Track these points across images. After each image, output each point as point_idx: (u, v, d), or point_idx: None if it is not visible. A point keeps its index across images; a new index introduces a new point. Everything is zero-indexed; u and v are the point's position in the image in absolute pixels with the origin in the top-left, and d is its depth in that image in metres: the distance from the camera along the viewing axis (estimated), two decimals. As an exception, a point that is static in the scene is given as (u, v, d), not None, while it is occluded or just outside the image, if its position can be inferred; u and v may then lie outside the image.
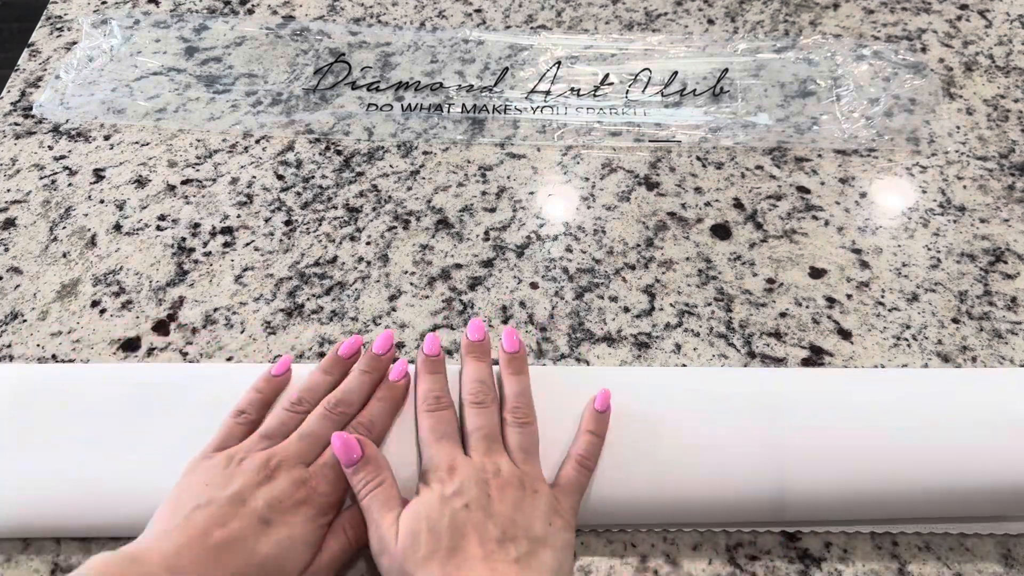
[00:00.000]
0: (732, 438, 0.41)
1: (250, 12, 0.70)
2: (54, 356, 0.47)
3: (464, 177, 0.57)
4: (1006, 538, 0.41)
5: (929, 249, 0.53)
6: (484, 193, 0.56)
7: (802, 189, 0.57)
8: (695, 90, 0.63)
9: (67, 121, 0.61)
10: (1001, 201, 0.56)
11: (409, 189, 0.57)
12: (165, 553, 0.33)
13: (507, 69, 0.65)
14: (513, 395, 0.41)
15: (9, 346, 0.48)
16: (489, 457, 0.38)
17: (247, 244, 0.53)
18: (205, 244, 0.53)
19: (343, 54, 0.66)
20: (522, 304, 0.50)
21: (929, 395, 0.43)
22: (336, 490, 0.38)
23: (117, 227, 0.54)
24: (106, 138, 0.59)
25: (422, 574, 0.34)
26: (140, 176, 0.57)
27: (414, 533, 0.35)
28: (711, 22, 0.69)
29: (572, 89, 0.63)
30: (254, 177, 0.57)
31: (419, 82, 0.64)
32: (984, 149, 0.59)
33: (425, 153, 0.59)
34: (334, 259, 0.52)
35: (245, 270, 0.52)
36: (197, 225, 0.54)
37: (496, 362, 0.43)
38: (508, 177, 0.57)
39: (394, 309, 0.50)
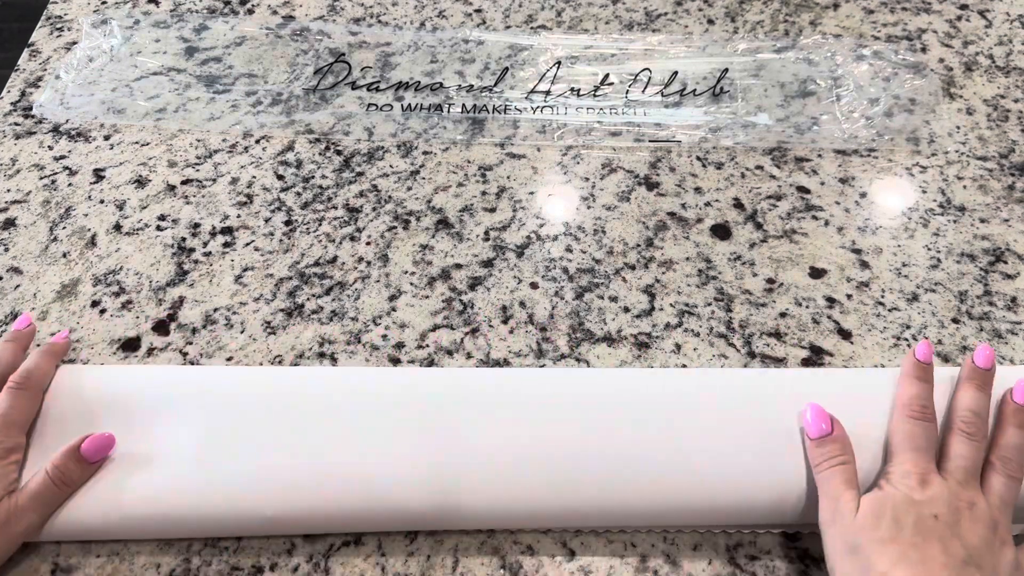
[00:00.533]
0: (732, 439, 0.41)
1: (250, 12, 0.70)
2: (54, 356, 0.47)
3: (464, 177, 0.57)
4: (1006, 538, 0.41)
5: (929, 249, 0.53)
6: (484, 193, 0.56)
7: (802, 189, 0.57)
8: (695, 90, 0.63)
9: (67, 121, 0.61)
10: (1001, 201, 0.56)
11: (409, 189, 0.57)
12: None
13: (507, 69, 0.65)
14: (1012, 446, 0.40)
15: (9, 346, 0.48)
16: (965, 489, 0.38)
17: (247, 244, 0.53)
18: (205, 244, 0.53)
19: (343, 54, 0.66)
20: (522, 304, 0.50)
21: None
22: (9, 436, 0.40)
23: (117, 227, 0.54)
24: (106, 138, 0.59)
25: (878, 552, 0.35)
26: (140, 176, 0.57)
27: (878, 515, 0.36)
28: (711, 22, 0.69)
29: (572, 89, 0.63)
30: (254, 177, 0.57)
31: (419, 82, 0.64)
32: (984, 149, 0.59)
33: (425, 153, 0.59)
34: (334, 259, 0.52)
35: (245, 270, 0.52)
36: (197, 225, 0.54)
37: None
38: (508, 177, 0.57)
39: (394, 309, 0.50)
